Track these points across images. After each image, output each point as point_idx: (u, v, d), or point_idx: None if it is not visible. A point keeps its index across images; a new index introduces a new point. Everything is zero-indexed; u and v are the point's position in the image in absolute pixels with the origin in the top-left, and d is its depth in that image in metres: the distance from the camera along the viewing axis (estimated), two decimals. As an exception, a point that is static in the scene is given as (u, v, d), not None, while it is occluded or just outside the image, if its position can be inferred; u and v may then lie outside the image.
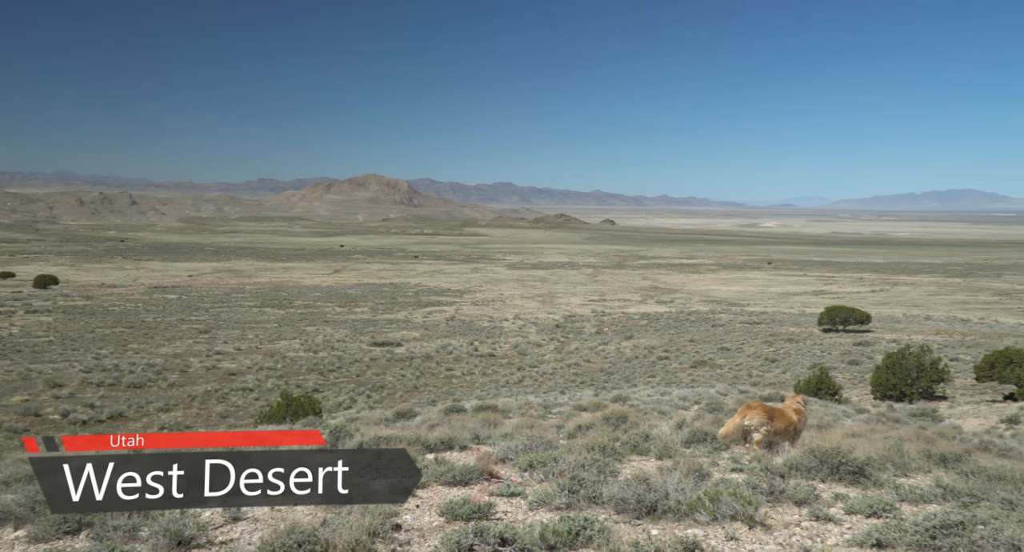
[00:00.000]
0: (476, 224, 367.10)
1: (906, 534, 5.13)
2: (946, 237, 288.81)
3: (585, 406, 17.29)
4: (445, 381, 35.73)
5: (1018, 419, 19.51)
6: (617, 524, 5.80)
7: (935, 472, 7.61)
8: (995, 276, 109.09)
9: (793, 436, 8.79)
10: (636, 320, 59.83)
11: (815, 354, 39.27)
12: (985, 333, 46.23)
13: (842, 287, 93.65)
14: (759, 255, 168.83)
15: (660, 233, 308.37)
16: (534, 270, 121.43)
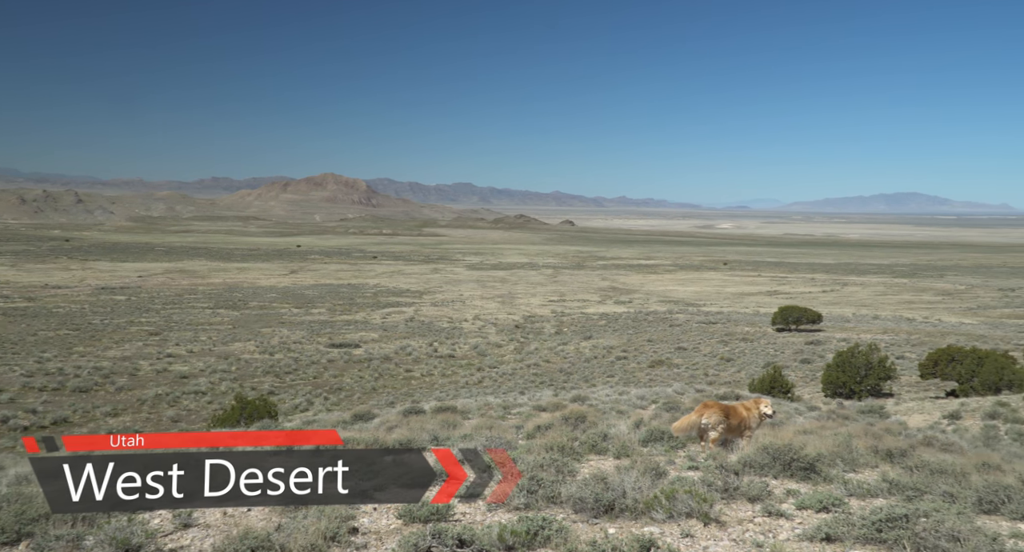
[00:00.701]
0: (436, 224, 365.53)
1: (854, 528, 5.27)
2: (893, 239, 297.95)
3: (544, 406, 17.34)
4: (404, 382, 35.50)
5: (959, 415, 20.22)
6: (575, 523, 5.83)
7: (882, 467, 7.84)
8: (938, 277, 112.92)
9: (747, 433, 8.96)
10: (595, 320, 60.31)
11: (769, 353, 40.08)
12: (929, 332, 47.81)
13: (795, 287, 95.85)
14: (715, 256, 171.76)
15: (619, 234, 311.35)
16: (494, 271, 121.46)
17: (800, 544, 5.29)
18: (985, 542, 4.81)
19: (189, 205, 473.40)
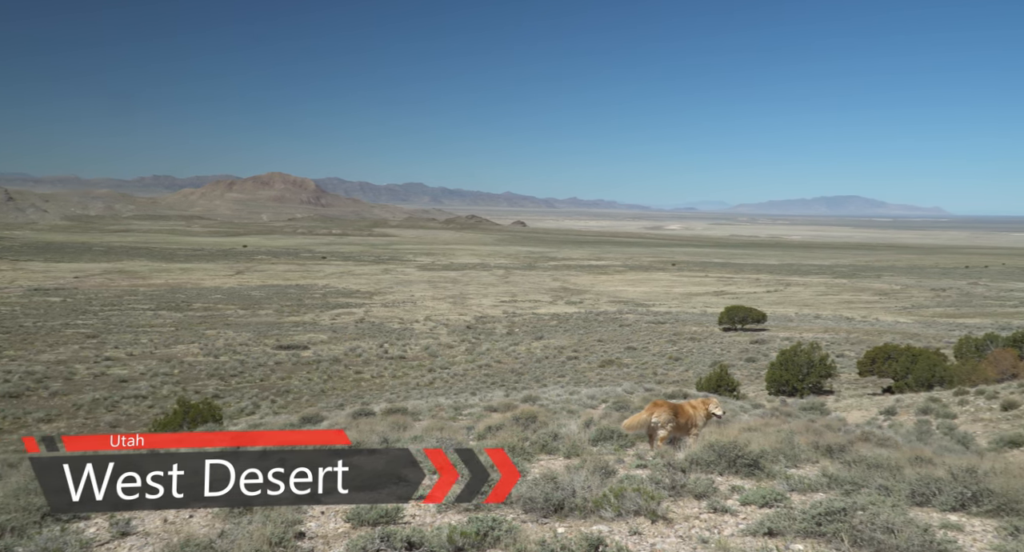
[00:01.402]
0: (386, 225, 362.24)
1: (795, 522, 5.42)
2: (833, 240, 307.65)
3: (496, 407, 17.35)
4: (354, 384, 35.07)
5: (895, 411, 20.99)
6: (525, 523, 5.84)
7: (822, 462, 8.07)
8: (876, 277, 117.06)
9: (695, 432, 9.12)
10: (546, 321, 60.62)
11: (716, 352, 40.92)
12: (867, 330, 49.51)
13: (741, 287, 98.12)
14: (664, 257, 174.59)
15: (570, 235, 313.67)
16: (445, 271, 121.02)
17: (744, 539, 5.40)
18: (917, 533, 5.00)
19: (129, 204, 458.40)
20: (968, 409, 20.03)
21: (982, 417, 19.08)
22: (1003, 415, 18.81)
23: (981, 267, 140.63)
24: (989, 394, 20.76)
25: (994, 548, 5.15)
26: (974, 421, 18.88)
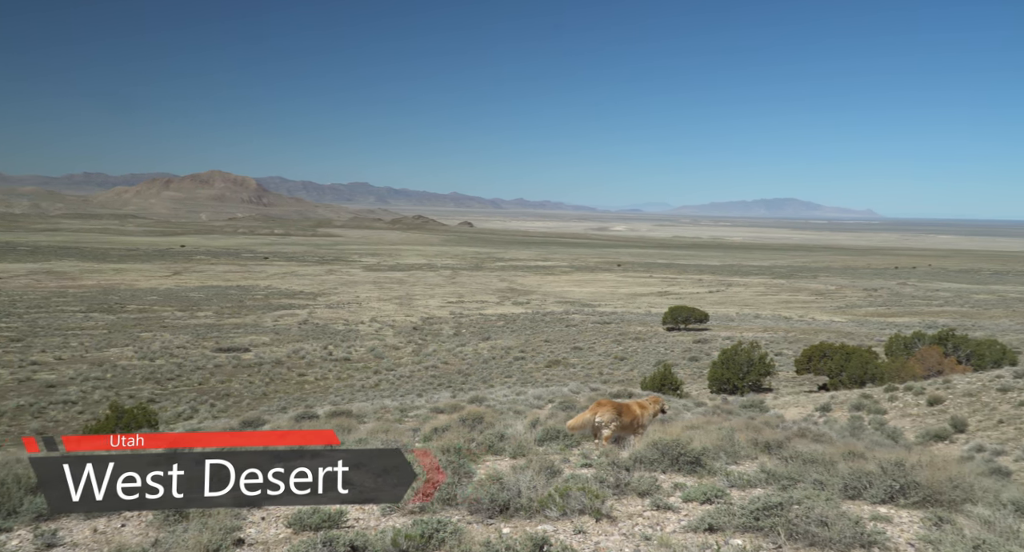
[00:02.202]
0: (331, 224, 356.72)
1: (735, 517, 5.54)
2: (772, 242, 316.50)
3: (442, 408, 17.26)
4: (297, 387, 34.42)
5: (830, 407, 21.73)
6: (471, 524, 5.83)
7: (761, 458, 8.28)
8: (812, 278, 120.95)
9: (639, 430, 9.24)
10: (493, 321, 60.66)
11: (660, 352, 41.62)
12: (804, 329, 51.10)
13: (684, 288, 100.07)
14: (610, 257, 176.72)
15: (517, 235, 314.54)
16: (392, 272, 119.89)
17: (685, 535, 5.50)
18: (849, 525, 5.19)
19: (57, 202, 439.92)
20: (897, 405, 20.87)
21: (910, 412, 19.91)
22: (929, 410, 19.66)
23: (910, 268, 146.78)
24: (917, 390, 21.67)
25: (920, 538, 5.37)
26: (903, 416, 19.68)
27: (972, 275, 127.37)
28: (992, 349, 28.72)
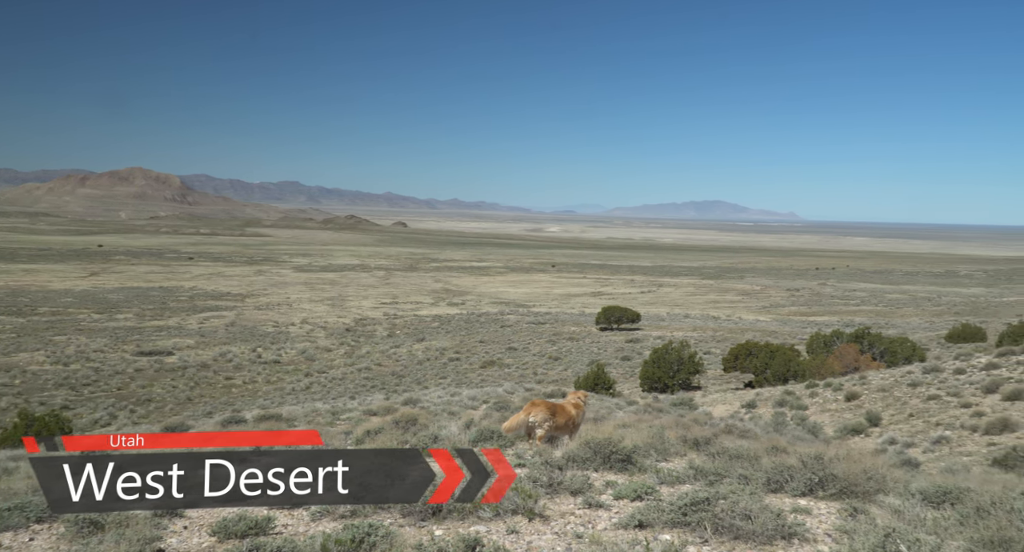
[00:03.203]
0: (260, 224, 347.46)
1: (664, 513, 5.67)
2: (701, 243, 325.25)
3: (375, 410, 17.06)
4: (224, 391, 33.38)
5: (755, 404, 22.47)
6: (403, 527, 5.77)
7: (689, 455, 8.49)
8: (739, 278, 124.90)
9: (573, 430, 9.33)
10: (428, 322, 60.28)
11: (593, 351, 42.20)
12: (731, 329, 52.72)
13: (617, 288, 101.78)
14: (544, 258, 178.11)
15: (452, 236, 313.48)
16: (323, 272, 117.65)
17: (616, 532, 5.59)
18: (771, 518, 5.38)
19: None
20: (818, 400, 21.77)
21: (829, 407, 20.80)
22: (847, 405, 20.58)
23: (829, 269, 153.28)
24: (835, 386, 22.66)
25: (836, 528, 5.62)
26: (823, 411, 20.54)
27: (885, 275, 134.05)
28: (903, 346, 30.29)
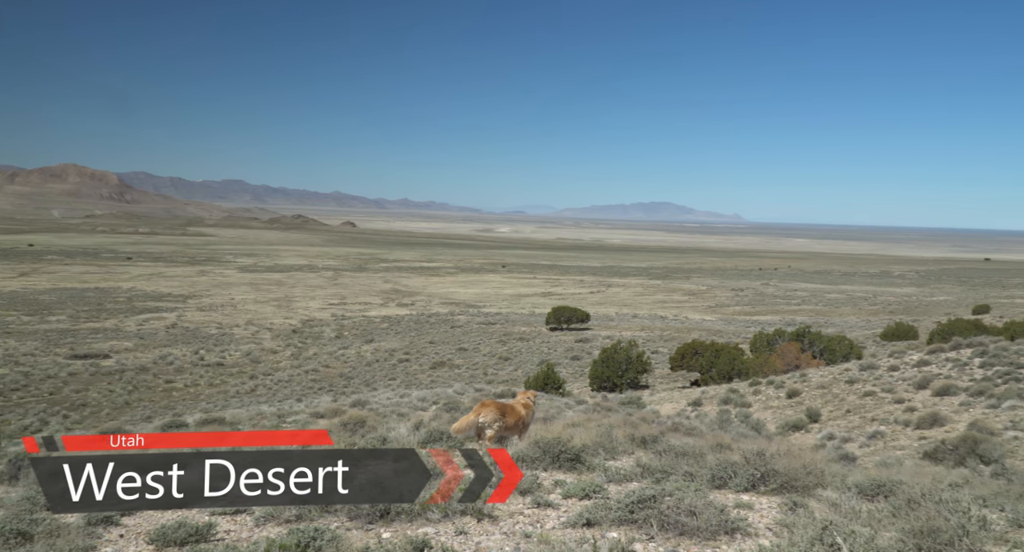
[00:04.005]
0: (203, 223, 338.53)
1: (611, 511, 5.73)
2: (649, 244, 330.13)
3: (323, 413, 16.79)
4: (164, 395, 32.41)
5: (701, 402, 22.93)
6: (350, 531, 5.69)
7: (637, 453, 8.60)
8: (685, 278, 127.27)
9: (522, 430, 9.35)
10: (377, 323, 59.66)
11: (543, 351, 42.42)
12: (678, 328, 53.67)
13: (566, 289, 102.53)
14: (495, 259, 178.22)
15: (401, 236, 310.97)
16: (269, 273, 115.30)
17: (564, 531, 5.63)
18: (715, 513, 5.49)
19: None
20: (761, 398, 22.34)
21: (772, 405, 21.36)
22: (788, 402, 21.17)
23: (772, 269, 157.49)
24: (777, 384, 23.28)
25: (777, 522, 5.77)
26: (765, 408, 21.08)
27: (825, 276, 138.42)
28: (841, 345, 31.33)
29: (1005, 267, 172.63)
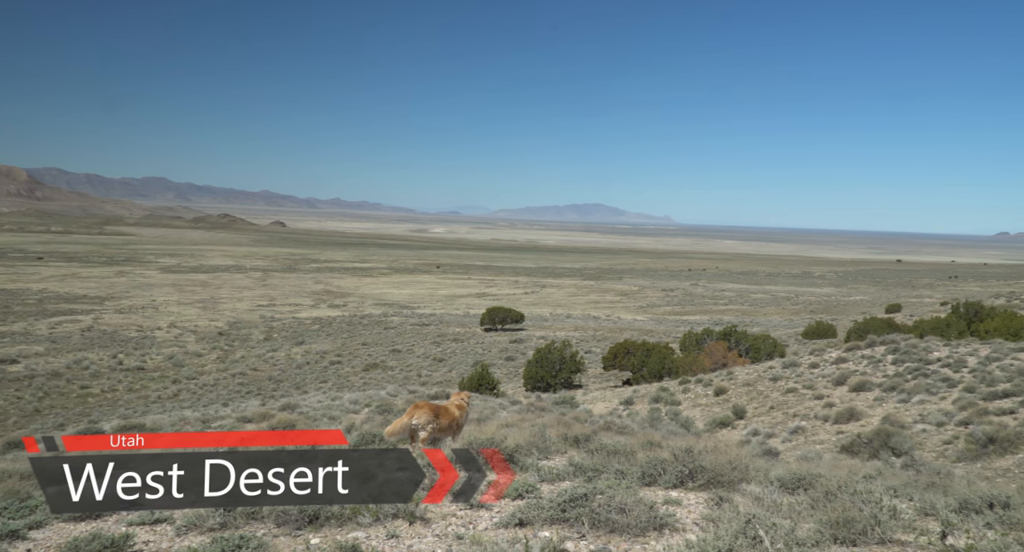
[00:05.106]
0: (122, 222, 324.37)
1: (544, 511, 5.77)
2: (582, 245, 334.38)
3: (250, 417, 16.31)
4: (79, 401, 30.91)
5: (632, 401, 23.35)
6: (276, 538, 5.55)
7: (570, 452, 8.68)
8: (618, 279, 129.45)
9: (456, 431, 9.31)
10: (308, 325, 58.42)
11: (478, 352, 42.39)
12: (611, 328, 54.54)
13: (501, 289, 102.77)
14: (429, 259, 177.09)
15: (333, 236, 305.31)
16: (194, 274, 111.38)
17: (497, 531, 5.63)
18: (644, 510, 5.60)
19: None
20: (690, 396, 22.91)
21: (700, 402, 21.94)
22: (716, 400, 21.78)
23: (700, 270, 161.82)
24: (706, 382, 23.93)
25: (703, 517, 5.93)
26: (694, 406, 21.64)
27: (750, 276, 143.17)
28: (766, 343, 32.45)
29: (915, 268, 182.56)
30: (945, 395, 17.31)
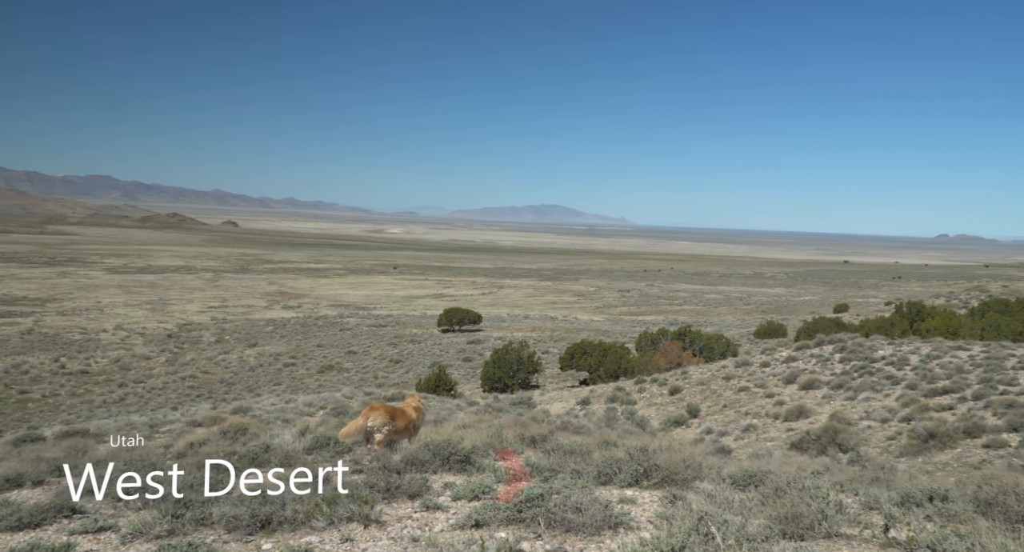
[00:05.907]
0: (64, 221, 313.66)
1: (500, 512, 5.77)
2: (540, 246, 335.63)
3: (200, 421, 15.95)
4: (18, 406, 29.82)
5: (589, 401, 23.53)
6: (227, 543, 5.42)
7: (527, 452, 8.69)
8: (575, 280, 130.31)
9: (413, 433, 9.25)
10: (261, 326, 57.37)
11: (435, 353, 42.20)
12: (568, 329, 54.84)
13: (458, 290, 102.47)
14: (385, 260, 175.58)
15: (287, 237, 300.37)
16: (141, 275, 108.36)
17: (453, 533, 5.60)
18: (600, 509, 5.65)
19: None
20: (646, 395, 23.19)
21: (656, 401, 22.22)
22: (671, 399, 22.09)
23: (656, 271, 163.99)
24: (661, 382, 24.24)
25: (657, 515, 6.00)
26: (650, 405, 21.90)
27: (704, 277, 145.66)
28: (719, 343, 33.03)
29: (861, 269, 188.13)
30: (889, 392, 17.88)
